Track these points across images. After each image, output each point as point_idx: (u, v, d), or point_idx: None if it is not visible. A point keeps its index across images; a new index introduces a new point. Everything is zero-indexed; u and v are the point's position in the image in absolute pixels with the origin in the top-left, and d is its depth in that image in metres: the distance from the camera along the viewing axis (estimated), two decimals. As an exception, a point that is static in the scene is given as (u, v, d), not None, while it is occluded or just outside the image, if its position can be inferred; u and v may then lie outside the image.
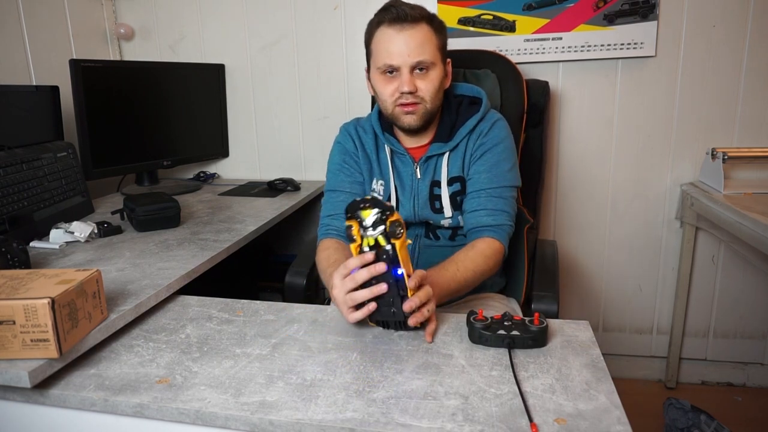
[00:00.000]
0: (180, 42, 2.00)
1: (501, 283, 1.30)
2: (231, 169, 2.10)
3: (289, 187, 1.80)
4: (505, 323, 0.80)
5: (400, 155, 1.20)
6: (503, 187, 1.14)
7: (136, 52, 2.04)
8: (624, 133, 1.78)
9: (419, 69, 1.09)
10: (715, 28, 1.65)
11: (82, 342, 0.77)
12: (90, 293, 0.79)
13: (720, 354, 1.91)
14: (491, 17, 1.73)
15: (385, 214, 0.78)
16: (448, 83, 1.18)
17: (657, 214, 1.83)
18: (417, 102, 1.10)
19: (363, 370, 0.75)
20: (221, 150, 2.06)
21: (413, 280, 0.81)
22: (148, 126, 1.82)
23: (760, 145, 1.70)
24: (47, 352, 0.71)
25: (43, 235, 1.26)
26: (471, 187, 1.15)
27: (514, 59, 1.50)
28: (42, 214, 1.33)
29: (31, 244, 1.22)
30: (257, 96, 2.01)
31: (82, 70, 1.55)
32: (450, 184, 1.17)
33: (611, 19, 1.66)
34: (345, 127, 1.27)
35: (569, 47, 1.71)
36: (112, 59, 2.01)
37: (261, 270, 1.96)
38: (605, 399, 0.67)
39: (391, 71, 1.10)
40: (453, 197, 1.17)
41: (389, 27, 1.08)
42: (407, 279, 0.80)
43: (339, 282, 0.84)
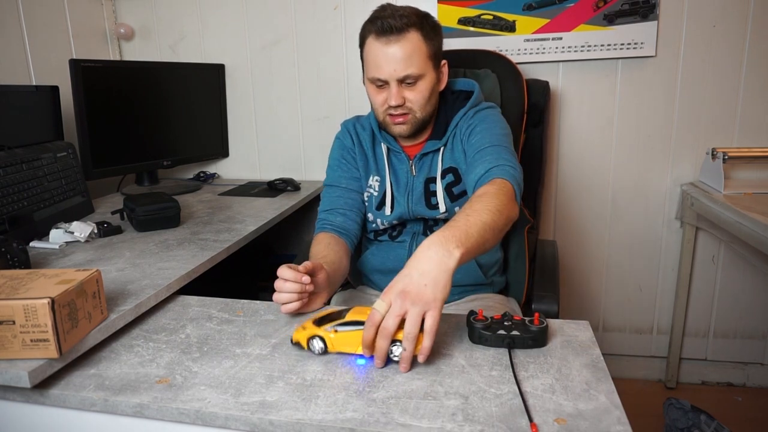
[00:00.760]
0: (180, 42, 2.00)
1: (501, 283, 1.30)
2: (231, 169, 2.10)
3: (289, 187, 1.80)
4: (505, 323, 0.80)
5: (396, 153, 1.21)
6: (502, 146, 1.08)
7: (136, 52, 2.04)
8: (624, 133, 1.78)
9: (407, 81, 1.08)
10: (715, 28, 1.65)
11: (82, 342, 0.77)
12: (90, 293, 0.79)
13: (720, 354, 1.91)
14: (491, 17, 1.73)
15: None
16: (442, 86, 1.18)
17: (657, 214, 1.83)
18: (406, 113, 1.11)
19: (363, 369, 0.75)
20: (221, 150, 2.06)
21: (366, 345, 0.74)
22: (148, 126, 1.82)
23: (760, 145, 1.70)
24: (47, 352, 0.70)
25: (43, 235, 1.26)
26: (469, 155, 1.11)
27: (514, 59, 1.50)
28: (42, 214, 1.33)
29: (31, 244, 1.22)
30: (257, 96, 2.00)
31: (82, 70, 1.55)
32: (443, 176, 1.17)
33: (611, 19, 1.66)
34: (345, 124, 1.29)
35: (569, 47, 1.71)
36: (112, 59, 2.01)
37: (261, 270, 1.96)
38: (605, 399, 0.66)
39: (380, 84, 1.10)
40: (447, 189, 1.17)
41: (376, 40, 1.07)
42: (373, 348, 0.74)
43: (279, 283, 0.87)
